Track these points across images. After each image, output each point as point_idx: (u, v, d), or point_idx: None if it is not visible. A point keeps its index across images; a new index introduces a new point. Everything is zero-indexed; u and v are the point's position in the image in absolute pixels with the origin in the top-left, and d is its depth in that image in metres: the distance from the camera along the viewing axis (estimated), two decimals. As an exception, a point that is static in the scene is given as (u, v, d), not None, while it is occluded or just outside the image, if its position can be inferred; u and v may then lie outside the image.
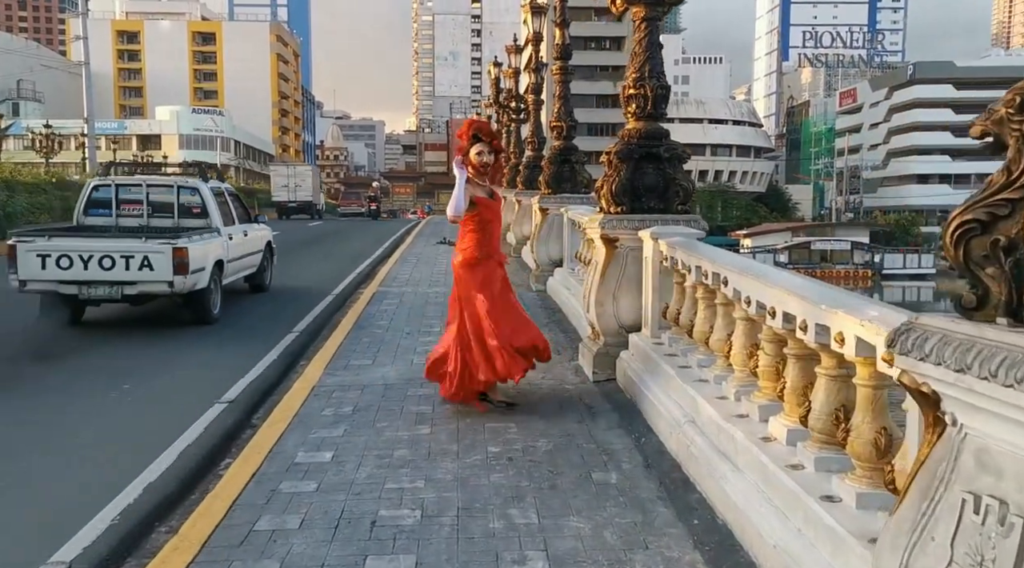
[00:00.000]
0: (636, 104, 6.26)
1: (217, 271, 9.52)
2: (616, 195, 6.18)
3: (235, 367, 7.02)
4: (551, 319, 8.95)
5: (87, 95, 41.30)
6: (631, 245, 6.15)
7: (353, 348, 7.51)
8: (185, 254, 8.70)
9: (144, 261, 8.64)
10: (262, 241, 11.60)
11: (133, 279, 8.69)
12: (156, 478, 4.60)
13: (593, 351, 6.28)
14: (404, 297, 10.62)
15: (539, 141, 15.59)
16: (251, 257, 11.07)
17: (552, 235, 10.91)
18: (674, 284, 5.53)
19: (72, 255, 8.60)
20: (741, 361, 4.18)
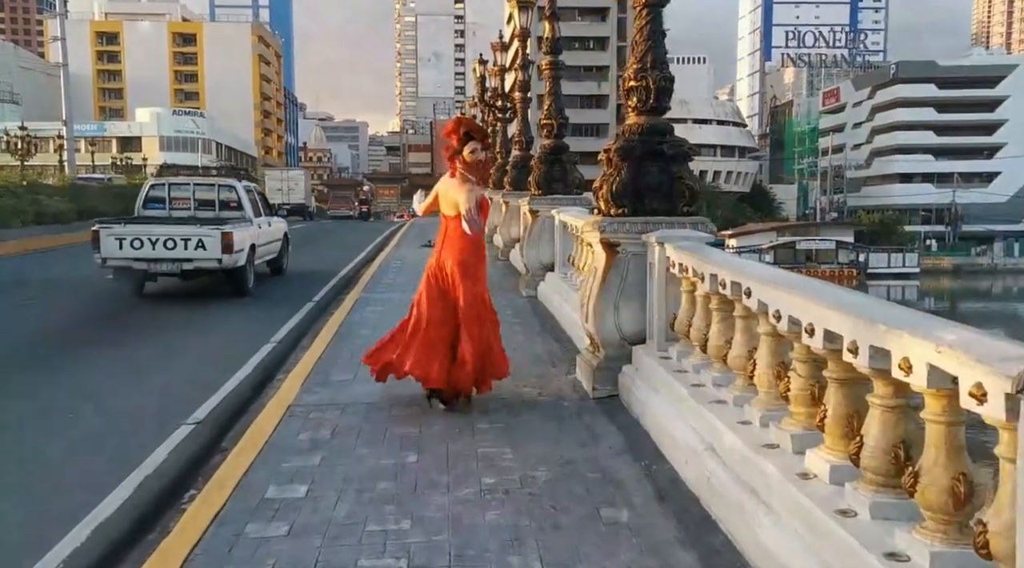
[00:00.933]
0: (637, 97, 5.79)
1: (251, 253, 11.80)
2: (617, 196, 5.71)
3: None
4: (544, 327, 8.48)
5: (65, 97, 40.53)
6: (634, 250, 5.68)
7: (333, 361, 7.00)
8: (231, 237, 10.97)
9: (199, 243, 10.90)
10: (280, 232, 14.10)
11: (190, 257, 10.96)
12: (111, 514, 4.13)
13: (593, 365, 5.80)
14: (388, 304, 10.11)
15: (527, 140, 15.11)
16: (273, 244, 13.47)
17: (543, 238, 10.44)
18: (683, 293, 5.07)
19: (143, 238, 10.89)
20: (767, 382, 3.71)
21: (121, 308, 10.99)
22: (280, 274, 14.17)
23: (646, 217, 5.70)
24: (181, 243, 10.94)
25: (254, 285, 12.08)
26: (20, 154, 43.07)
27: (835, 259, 63.20)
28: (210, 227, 11.07)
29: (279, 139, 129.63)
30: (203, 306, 11.28)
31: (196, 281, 11.89)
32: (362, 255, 18.63)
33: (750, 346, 4.01)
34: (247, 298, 11.64)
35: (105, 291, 11.69)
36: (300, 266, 15.25)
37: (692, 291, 5.00)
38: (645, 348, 5.48)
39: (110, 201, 26.31)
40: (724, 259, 4.23)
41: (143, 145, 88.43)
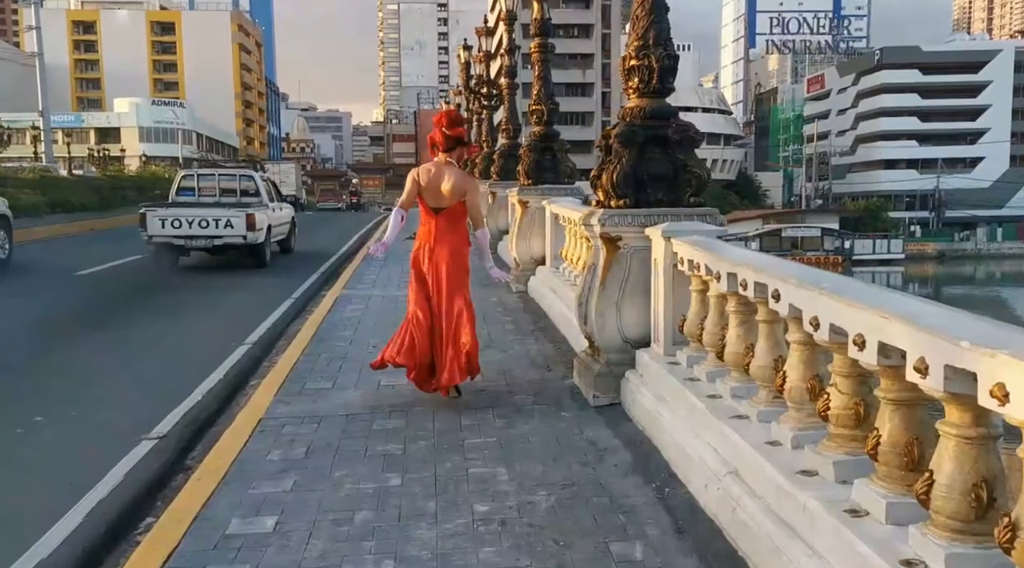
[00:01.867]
0: (639, 77, 5.31)
1: (268, 232, 14.00)
2: (618, 185, 5.23)
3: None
4: (536, 326, 8.00)
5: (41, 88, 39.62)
6: (636, 245, 5.21)
7: (310, 367, 6.49)
8: (254, 218, 13.23)
9: (227, 222, 13.10)
10: (289, 216, 16.31)
11: (220, 234, 13.17)
12: (58, 546, 3.64)
13: (593, 370, 5.33)
14: (371, 302, 9.60)
15: (514, 128, 14.59)
16: (284, 226, 15.67)
17: (533, 231, 9.94)
18: (692, 293, 4.60)
19: (181, 218, 13.09)
20: (799, 398, 3.25)
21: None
22: (289, 252, 16.28)
23: (649, 209, 5.23)
24: (213, 223, 13.15)
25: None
26: (-7, 146, 41.99)
27: (821, 246, 63.27)
28: (236, 209, 13.38)
29: (261, 129, 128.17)
30: (227, 275, 13.51)
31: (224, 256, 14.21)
32: (353, 239, 21.38)
33: (775, 354, 3.56)
34: (264, 269, 13.95)
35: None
36: (303, 247, 17.43)
37: (703, 291, 4.54)
38: (650, 352, 5.01)
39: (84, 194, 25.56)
40: (744, 256, 3.76)
41: (122, 136, 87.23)
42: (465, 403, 5.39)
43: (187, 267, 13.96)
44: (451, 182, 5.51)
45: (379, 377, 6.11)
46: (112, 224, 25.80)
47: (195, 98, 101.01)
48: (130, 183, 35.16)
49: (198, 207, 13.74)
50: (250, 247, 13.64)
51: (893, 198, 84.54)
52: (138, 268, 14.26)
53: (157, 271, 13.35)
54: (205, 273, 13.85)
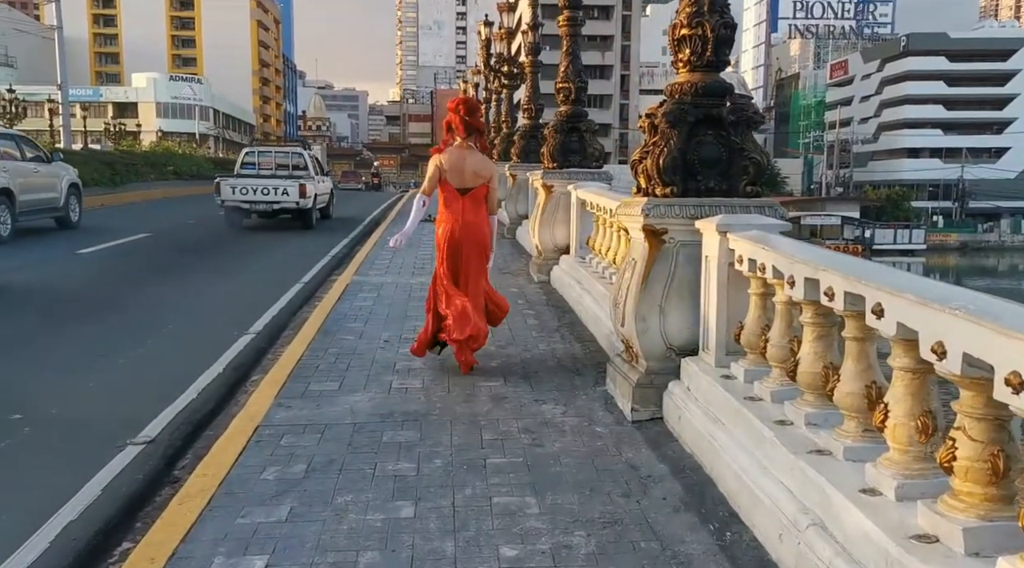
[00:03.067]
0: (691, 48, 4.66)
1: (314, 199, 17.05)
2: (664, 171, 4.60)
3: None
4: (561, 321, 7.39)
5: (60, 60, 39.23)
6: (684, 239, 4.59)
7: (316, 364, 5.92)
8: (305, 187, 16.44)
9: (284, 190, 16.36)
10: (329, 188, 19.55)
11: (278, 200, 16.44)
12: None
13: (631, 380, 4.73)
14: (383, 290, 9.02)
15: (536, 108, 13.91)
16: (325, 196, 18.70)
17: (558, 217, 9.31)
18: (751, 296, 3.99)
19: (248, 187, 16.32)
20: (906, 437, 2.65)
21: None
22: (328, 219, 19.41)
23: (700, 198, 4.60)
24: (272, 190, 16.41)
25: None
26: (8, 118, 41.66)
27: (840, 235, 62.43)
28: (290, 180, 16.66)
29: (278, 107, 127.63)
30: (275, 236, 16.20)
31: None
32: (377, 211, 24.69)
33: (869, 379, 2.95)
34: (311, 230, 17.00)
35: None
36: (337, 214, 20.68)
37: (765, 294, 3.93)
38: (699, 362, 4.40)
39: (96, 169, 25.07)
40: (830, 259, 3.14)
41: (139, 111, 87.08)
42: (486, 413, 4.81)
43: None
44: (474, 164, 5.76)
45: (390, 378, 5.55)
46: (122, 199, 25.35)
47: (213, 74, 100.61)
48: (142, 159, 34.63)
49: (260, 178, 16.98)
50: (300, 211, 16.90)
51: (916, 187, 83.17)
52: (143, 246, 13.79)
53: (157, 249, 13.28)
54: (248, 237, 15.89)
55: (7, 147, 14.33)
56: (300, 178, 16.86)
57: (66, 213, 15.54)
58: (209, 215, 20.69)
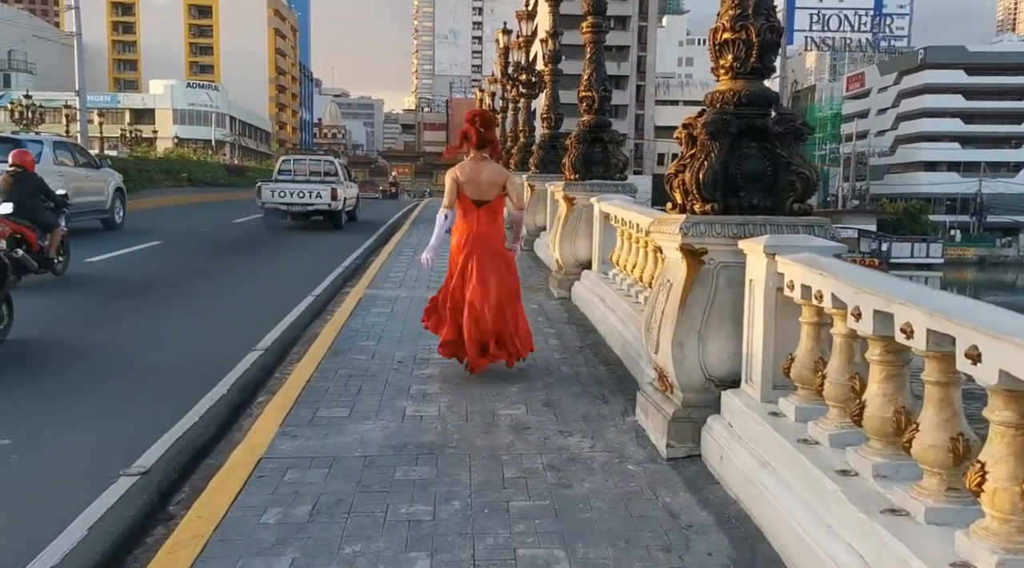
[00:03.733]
0: (734, 54, 4.31)
1: (344, 203, 19.06)
2: (704, 186, 4.23)
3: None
4: (584, 342, 7.01)
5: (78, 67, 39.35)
6: (725, 260, 4.22)
7: (325, 386, 5.57)
8: (336, 191, 18.48)
9: (318, 193, 18.36)
10: (355, 193, 22.05)
11: (312, 203, 18.44)
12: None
13: (667, 412, 4.35)
14: (397, 304, 8.67)
15: (556, 117, 13.57)
16: (352, 200, 20.84)
17: (579, 231, 8.95)
18: (803, 326, 3.61)
19: (286, 190, 18.42)
20: (1010, 506, 2.26)
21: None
22: (354, 221, 21.63)
23: (743, 216, 4.23)
24: (307, 194, 18.50)
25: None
26: (24, 124, 41.77)
27: (856, 248, 61.77)
28: (323, 185, 18.80)
29: (294, 114, 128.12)
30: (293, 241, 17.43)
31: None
32: (396, 216, 26.18)
33: (955, 430, 2.57)
34: (340, 230, 19.13)
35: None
36: (361, 217, 22.96)
37: (819, 324, 3.55)
38: (742, 396, 4.02)
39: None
40: (907, 290, 2.76)
41: (156, 118, 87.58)
42: (508, 446, 4.45)
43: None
44: (489, 174, 5.87)
45: (404, 403, 5.19)
46: (135, 206, 25.09)
47: (230, 81, 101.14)
48: (156, 166, 34.53)
49: (295, 182, 19.06)
50: (331, 213, 18.94)
51: (933, 201, 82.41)
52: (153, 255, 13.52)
53: (167, 259, 12.87)
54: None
55: (64, 157, 15.65)
56: (332, 183, 19.10)
57: (112, 215, 16.82)
58: (222, 223, 20.53)
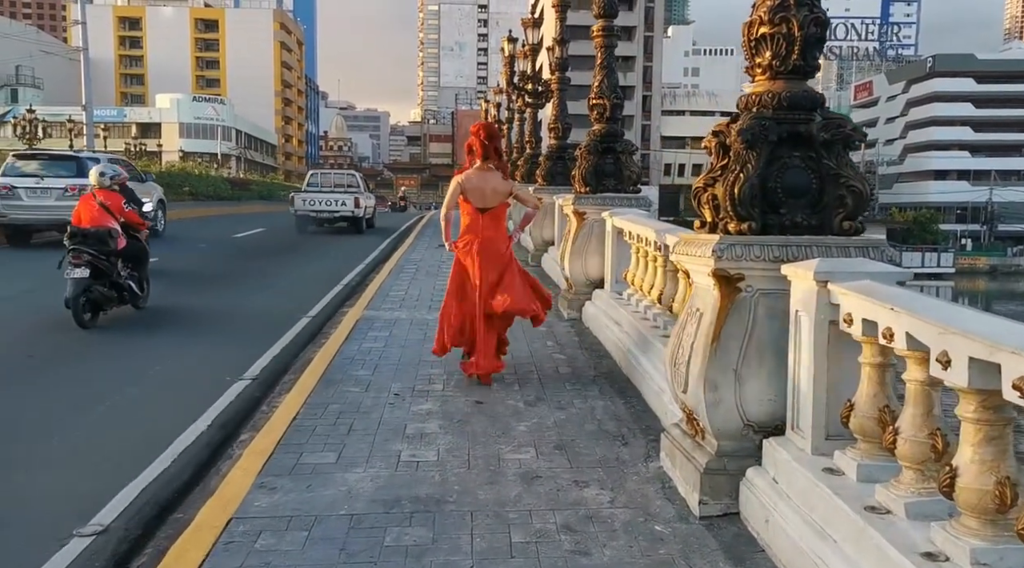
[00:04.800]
0: (772, 50, 3.76)
1: (364, 210, 22.28)
2: (740, 202, 3.68)
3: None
4: (597, 370, 6.44)
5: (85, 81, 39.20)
6: (765, 288, 3.66)
7: (312, 425, 5.01)
8: (359, 200, 21.76)
9: (343, 202, 21.65)
10: (374, 202, 25.55)
11: (339, 210, 21.66)
12: None
13: (699, 462, 3.78)
14: (396, 327, 8.11)
15: (563, 126, 13.05)
16: (371, 208, 24.18)
17: (591, 247, 8.39)
18: (866, 367, 3.05)
19: (315, 199, 21.69)
20: None
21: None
22: (372, 227, 24.57)
23: (785, 236, 3.68)
24: (334, 202, 21.77)
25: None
26: (28, 138, 41.47)
27: (866, 258, 60.81)
28: (347, 194, 22.05)
29: (300, 127, 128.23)
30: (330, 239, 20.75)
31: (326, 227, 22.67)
32: (404, 226, 27.52)
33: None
34: (362, 234, 22.20)
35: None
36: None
37: (885, 365, 2.99)
38: (788, 446, 3.45)
39: (108, 189, 24.60)
40: (1017, 333, 2.21)
41: (163, 131, 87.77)
42: (515, 500, 3.88)
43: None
44: (494, 184, 6.11)
45: (399, 446, 4.63)
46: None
47: (236, 95, 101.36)
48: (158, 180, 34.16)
49: (323, 192, 22.34)
50: (354, 219, 22.15)
51: (943, 210, 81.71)
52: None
53: (157, 283, 12.19)
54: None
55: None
56: (354, 193, 22.45)
57: (155, 224, 17.03)
58: (222, 238, 20.07)
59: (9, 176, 15.93)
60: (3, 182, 15.74)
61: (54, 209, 14.97)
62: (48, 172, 15.91)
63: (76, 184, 15.06)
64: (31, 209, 15.62)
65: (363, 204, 22.09)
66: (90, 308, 8.24)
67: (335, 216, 21.88)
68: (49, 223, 15.47)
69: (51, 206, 15.21)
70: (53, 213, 15.07)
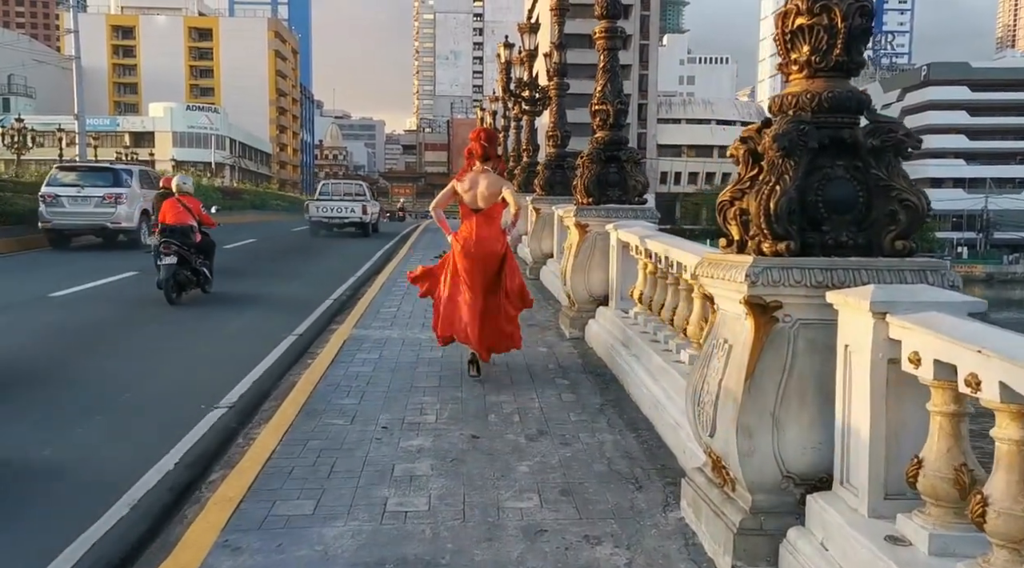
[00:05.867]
0: (811, 44, 3.28)
1: (370, 216, 24.92)
2: (776, 219, 3.18)
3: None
4: (604, 397, 5.92)
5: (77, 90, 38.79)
6: (805, 317, 3.16)
7: (289, 466, 4.48)
8: (366, 207, 24.63)
9: (352, 209, 24.39)
10: (378, 209, 28.74)
11: (347, 216, 24.42)
12: None
13: (731, 519, 3.26)
14: (387, 348, 7.58)
15: (562, 134, 12.56)
16: (375, 215, 27.06)
17: (594, 261, 7.89)
18: (936, 417, 2.55)
19: (327, 206, 24.55)
20: None
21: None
22: (376, 232, 26.79)
23: (830, 259, 3.18)
24: (344, 209, 24.39)
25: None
26: (16, 148, 40.91)
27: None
28: (355, 202, 24.60)
29: (294, 136, 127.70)
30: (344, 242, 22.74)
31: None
32: (403, 232, 29.30)
33: None
34: (368, 237, 24.54)
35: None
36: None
37: (961, 414, 2.50)
38: (837, 504, 2.94)
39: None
40: None
41: (156, 140, 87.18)
42: (517, 560, 3.37)
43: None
44: (487, 186, 6.39)
45: (386, 492, 4.11)
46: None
47: (230, 104, 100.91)
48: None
49: (334, 200, 25.03)
50: (362, 224, 24.71)
51: (939, 218, 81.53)
52: (126, 289, 12.40)
53: (139, 293, 11.72)
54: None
55: (145, 182, 18.98)
56: (362, 201, 25.08)
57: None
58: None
59: (53, 186, 17.80)
60: (48, 191, 17.62)
61: (93, 215, 17.35)
62: (87, 182, 17.84)
63: (112, 193, 17.72)
64: (73, 215, 17.59)
65: (369, 211, 24.99)
66: (176, 288, 10.29)
67: (345, 222, 24.68)
68: (89, 228, 17.81)
69: (90, 212, 17.40)
70: (92, 219, 17.43)
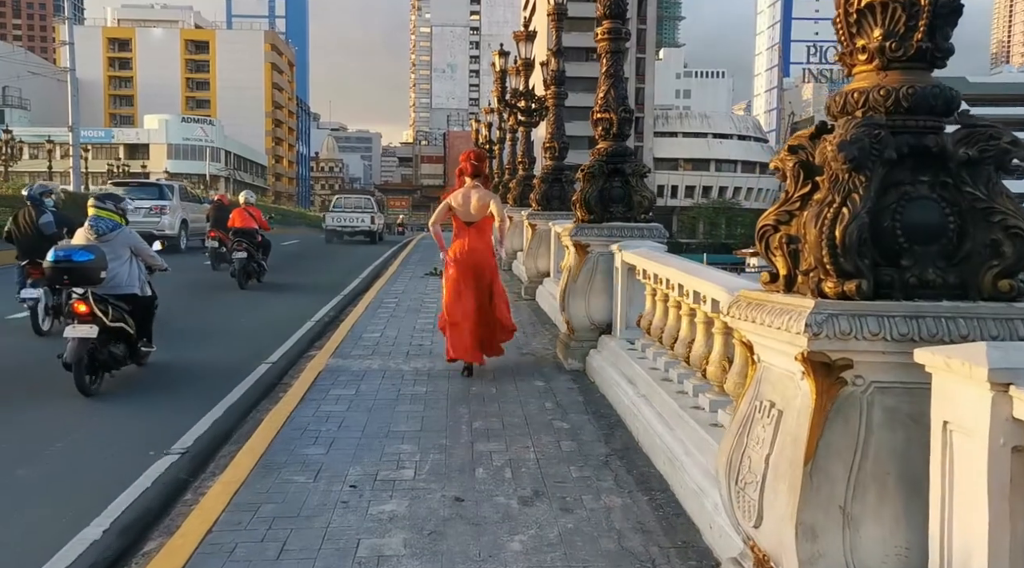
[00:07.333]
0: (884, 27, 2.55)
1: (378, 226, 30.75)
2: (845, 251, 2.44)
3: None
4: (610, 445, 5.14)
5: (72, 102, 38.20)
6: (883, 380, 2.42)
7: (231, 544, 3.70)
8: (374, 218, 30.55)
9: (362, 220, 30.13)
10: (383, 220, 34.19)
11: (358, 226, 30.02)
12: None
13: (784, 646, 2.51)
14: (364, 382, 6.80)
15: (560, 146, 11.84)
16: (383, 225, 33.00)
17: (595, 285, 7.13)
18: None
19: (341, 217, 30.21)
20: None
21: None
22: (382, 240, 31.08)
23: (916, 303, 2.44)
24: (355, 220, 29.41)
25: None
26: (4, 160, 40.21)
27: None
28: (365, 214, 29.73)
29: (290, 149, 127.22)
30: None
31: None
32: (400, 244, 30.75)
33: None
34: (377, 244, 28.95)
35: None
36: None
37: None
38: (938, 639, 2.19)
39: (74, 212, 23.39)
40: None
41: (151, 152, 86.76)
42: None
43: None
44: (477, 200, 6.97)
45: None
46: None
47: (226, 116, 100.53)
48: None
49: (346, 212, 29.76)
50: (371, 233, 29.25)
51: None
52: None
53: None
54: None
55: (184, 196, 22.73)
56: (371, 213, 29.99)
57: (176, 240, 20.63)
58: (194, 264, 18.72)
59: None
60: None
61: (141, 224, 18.28)
62: (135, 196, 19.22)
63: (158, 205, 21.12)
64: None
65: (377, 222, 29.99)
66: (244, 277, 13.51)
67: (356, 231, 29.40)
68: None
69: (139, 222, 18.41)
70: (140, 228, 18.94)
